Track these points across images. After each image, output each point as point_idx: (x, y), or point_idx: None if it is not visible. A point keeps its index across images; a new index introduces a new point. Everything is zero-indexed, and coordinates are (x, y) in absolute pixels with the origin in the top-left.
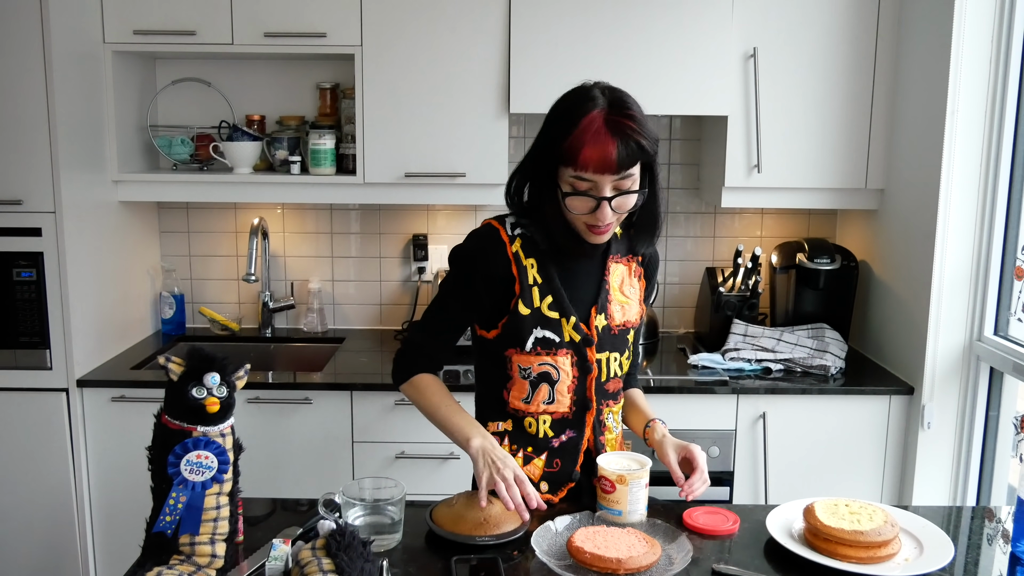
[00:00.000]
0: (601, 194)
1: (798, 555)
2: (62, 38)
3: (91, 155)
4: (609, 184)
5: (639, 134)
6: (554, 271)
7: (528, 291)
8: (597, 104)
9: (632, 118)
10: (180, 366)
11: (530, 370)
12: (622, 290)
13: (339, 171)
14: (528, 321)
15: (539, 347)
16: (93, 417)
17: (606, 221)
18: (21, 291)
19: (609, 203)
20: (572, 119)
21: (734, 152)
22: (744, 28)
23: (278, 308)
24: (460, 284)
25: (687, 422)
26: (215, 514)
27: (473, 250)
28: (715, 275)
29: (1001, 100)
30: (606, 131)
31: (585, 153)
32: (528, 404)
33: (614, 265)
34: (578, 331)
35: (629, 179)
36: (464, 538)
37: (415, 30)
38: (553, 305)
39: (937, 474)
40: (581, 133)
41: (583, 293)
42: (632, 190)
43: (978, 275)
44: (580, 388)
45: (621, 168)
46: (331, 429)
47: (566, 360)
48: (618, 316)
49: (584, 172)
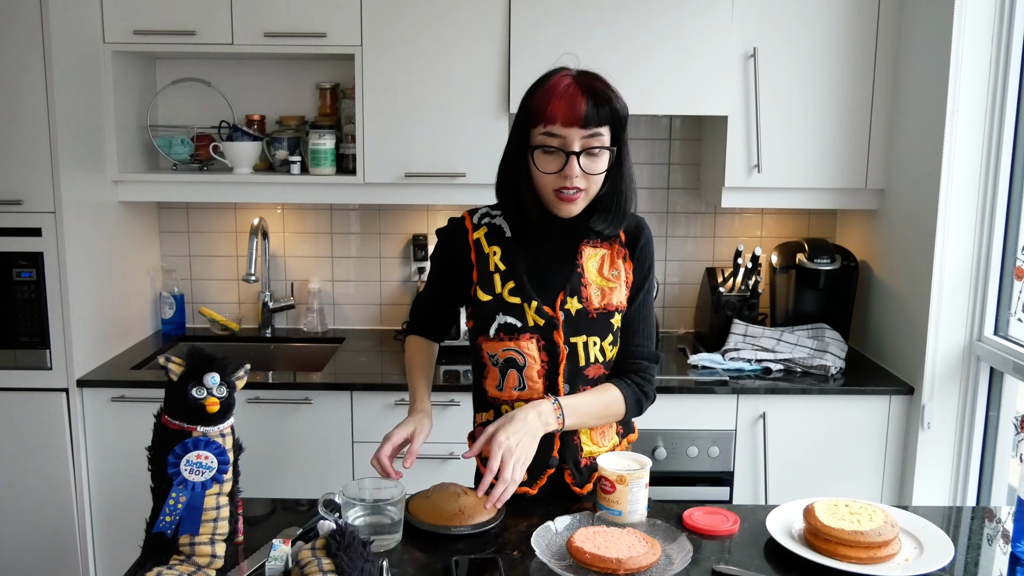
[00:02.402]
0: (570, 148)
1: (798, 555)
2: (62, 38)
3: (91, 155)
4: (578, 140)
5: (609, 93)
6: (521, 258)
7: (489, 278)
8: (568, 71)
9: (602, 81)
10: (180, 366)
11: (496, 356)
12: (602, 273)
13: (339, 171)
14: (490, 307)
15: (502, 333)
16: (93, 417)
17: (574, 177)
18: (21, 291)
19: (578, 159)
20: (542, 83)
21: (734, 152)
22: (744, 28)
23: (278, 308)
24: (437, 259)
25: (687, 422)
26: (215, 514)
27: (443, 233)
28: (715, 275)
29: (1001, 100)
30: (576, 87)
31: (553, 105)
32: (501, 391)
33: (590, 250)
34: (541, 315)
35: (598, 139)
36: (440, 528)
37: (415, 30)
38: (514, 291)
39: (937, 474)
40: (550, 91)
41: (553, 278)
42: (603, 148)
43: (978, 275)
44: (551, 372)
45: (589, 123)
46: (331, 429)
47: (531, 345)
48: (596, 299)
49: (553, 126)
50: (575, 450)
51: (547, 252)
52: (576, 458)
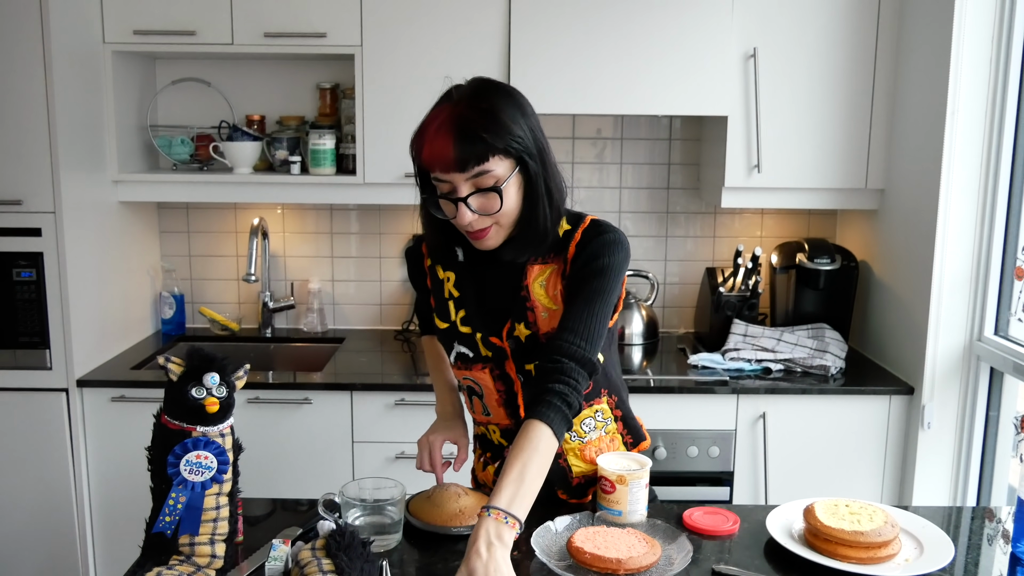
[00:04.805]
0: (458, 195)
1: (798, 555)
2: (62, 38)
3: (91, 155)
4: (465, 183)
5: (483, 128)
6: (471, 285)
7: (444, 305)
8: (451, 99)
9: (482, 112)
10: (180, 366)
11: (460, 382)
12: (549, 292)
13: (339, 171)
14: (447, 335)
15: (459, 362)
16: (93, 417)
17: (466, 223)
18: (21, 291)
19: (467, 204)
20: (424, 120)
21: (734, 152)
22: (744, 28)
23: (278, 308)
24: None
25: (687, 422)
26: (215, 514)
27: (408, 262)
28: (715, 275)
29: (1001, 100)
30: (447, 127)
31: (426, 152)
32: (474, 413)
33: (538, 268)
34: (488, 346)
35: (488, 177)
36: (440, 528)
37: (415, 30)
38: (465, 319)
39: (937, 474)
40: (425, 131)
41: (499, 304)
42: (495, 188)
43: (978, 275)
44: (509, 401)
45: (464, 166)
46: (331, 429)
47: (485, 375)
48: (545, 323)
49: (435, 172)
50: (563, 472)
51: (495, 275)
52: (566, 479)
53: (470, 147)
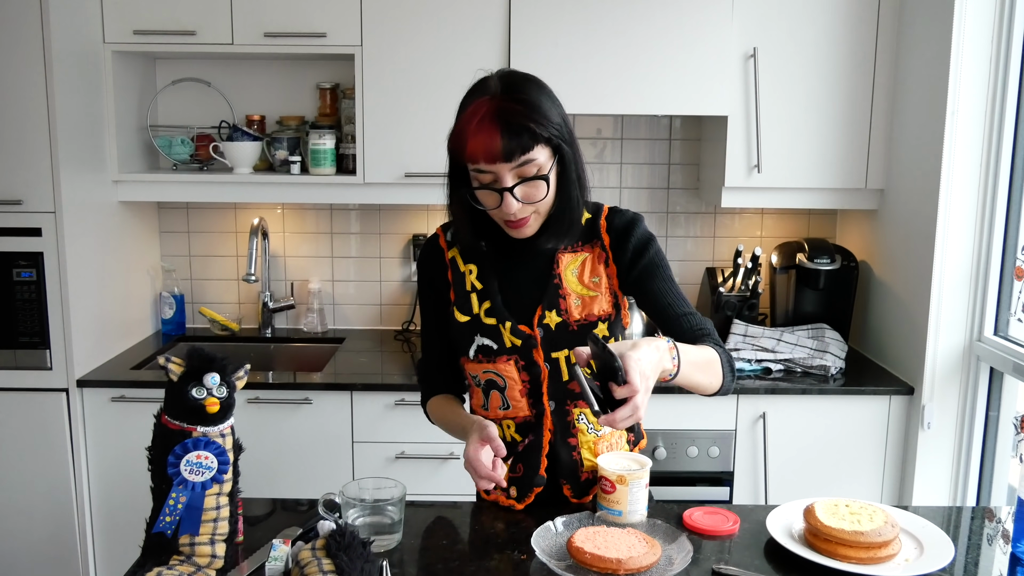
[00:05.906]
0: (503, 185)
1: (798, 555)
2: (62, 38)
3: (91, 155)
4: (509, 174)
5: (527, 118)
6: (495, 276)
7: (466, 298)
8: (488, 92)
9: (522, 102)
10: (180, 366)
11: (478, 377)
12: (583, 280)
13: (339, 171)
14: (468, 328)
15: (481, 355)
16: (93, 417)
17: (512, 212)
18: (21, 291)
19: (512, 193)
20: (462, 112)
21: (734, 152)
22: (744, 28)
23: (278, 308)
24: (423, 295)
25: (687, 422)
26: (215, 514)
27: (420, 259)
28: (715, 275)
29: (1001, 100)
30: (491, 119)
31: (471, 144)
32: (487, 411)
33: (569, 256)
34: (518, 335)
35: (532, 165)
36: None
37: (415, 30)
38: (490, 311)
39: (937, 474)
40: (467, 124)
41: (529, 292)
42: (539, 176)
43: (978, 275)
44: (533, 391)
45: (511, 156)
46: (331, 429)
47: (509, 366)
48: (577, 311)
49: (478, 164)
50: (574, 465)
51: (523, 264)
52: (575, 473)
53: (516, 138)
